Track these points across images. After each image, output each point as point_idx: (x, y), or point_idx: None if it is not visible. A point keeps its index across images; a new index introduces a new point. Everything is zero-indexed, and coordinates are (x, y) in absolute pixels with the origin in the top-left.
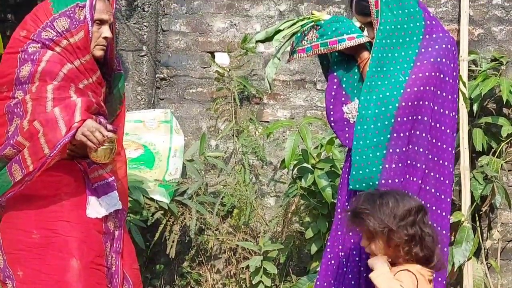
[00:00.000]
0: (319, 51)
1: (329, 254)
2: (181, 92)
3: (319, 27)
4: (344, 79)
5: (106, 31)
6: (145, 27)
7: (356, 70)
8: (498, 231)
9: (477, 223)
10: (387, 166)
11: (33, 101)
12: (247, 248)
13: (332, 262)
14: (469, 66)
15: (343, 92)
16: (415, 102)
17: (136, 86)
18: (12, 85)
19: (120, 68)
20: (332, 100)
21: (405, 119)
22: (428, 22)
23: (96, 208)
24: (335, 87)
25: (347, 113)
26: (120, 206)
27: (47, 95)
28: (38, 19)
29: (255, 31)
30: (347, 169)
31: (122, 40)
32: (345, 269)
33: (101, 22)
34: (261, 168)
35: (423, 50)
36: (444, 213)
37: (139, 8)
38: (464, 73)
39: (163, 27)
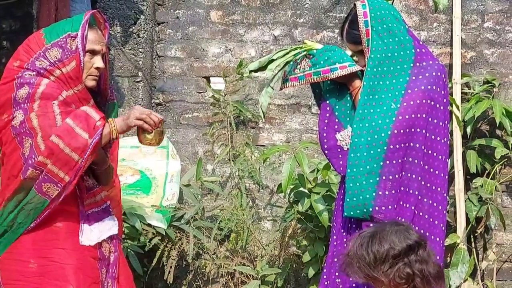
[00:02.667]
0: (312, 80)
1: (326, 281)
2: (177, 117)
3: (311, 56)
4: (337, 107)
5: (98, 62)
6: (141, 53)
7: (349, 98)
8: (493, 252)
9: (473, 244)
10: (380, 193)
11: (39, 118)
12: (245, 272)
13: None
14: (462, 89)
15: (336, 120)
16: (407, 130)
17: None
18: (10, 107)
19: (113, 98)
20: (325, 128)
21: (397, 146)
22: (418, 50)
23: (88, 235)
24: (328, 115)
25: (340, 140)
26: (116, 231)
27: (54, 109)
28: (30, 49)
29: (250, 56)
30: (341, 196)
31: (117, 66)
32: None
33: (93, 52)
34: (257, 192)
35: (413, 77)
36: (437, 239)
37: (134, 35)
38: (457, 96)
39: (158, 52)
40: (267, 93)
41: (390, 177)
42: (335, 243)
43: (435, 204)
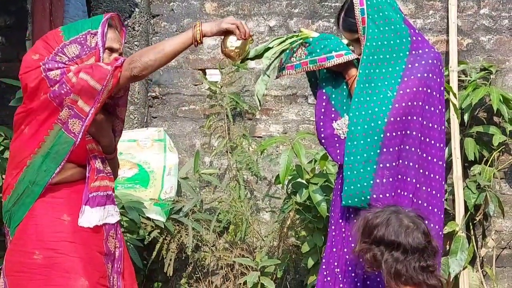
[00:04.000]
0: (308, 68)
1: (325, 271)
2: (174, 110)
3: (308, 44)
4: (333, 95)
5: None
6: (136, 46)
7: (345, 87)
8: (492, 239)
9: (472, 232)
10: (378, 181)
11: (89, 68)
12: (244, 264)
13: (328, 279)
14: (458, 76)
15: (333, 109)
16: (404, 117)
17: (128, 105)
18: (46, 86)
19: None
20: (322, 117)
21: (394, 134)
22: (414, 39)
23: (88, 217)
24: (324, 104)
25: (337, 129)
26: (117, 219)
27: (89, 62)
28: (49, 45)
29: None
30: (339, 186)
31: None
32: (341, 286)
33: (112, 50)
34: (255, 184)
35: (409, 65)
36: (436, 227)
37: (129, 28)
38: (454, 83)
39: None
40: (263, 81)
41: (387, 165)
42: (333, 233)
43: (433, 192)
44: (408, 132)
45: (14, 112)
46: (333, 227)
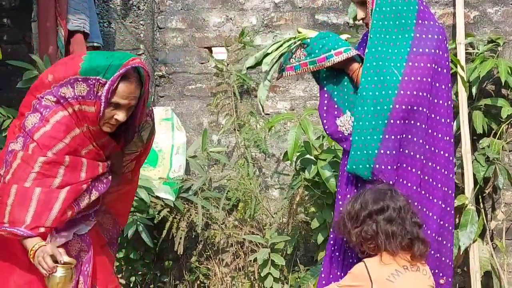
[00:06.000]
0: (308, 69)
1: (333, 246)
2: (181, 89)
3: (306, 45)
4: (335, 93)
5: (120, 115)
6: (141, 26)
7: (346, 83)
8: (502, 212)
9: (481, 205)
10: (382, 151)
11: (21, 162)
12: (254, 241)
13: (337, 254)
14: (466, 49)
15: (336, 106)
16: (414, 92)
17: None
18: (22, 127)
19: (149, 118)
20: (324, 115)
21: (403, 107)
22: (422, 8)
23: (53, 242)
24: (326, 101)
25: (340, 126)
26: (85, 231)
27: (34, 166)
28: (66, 70)
29: (251, 25)
30: (346, 162)
31: (119, 39)
32: (350, 261)
33: (118, 105)
34: (264, 161)
35: (418, 35)
36: (440, 202)
37: (134, 7)
38: (461, 56)
39: (159, 24)
40: (265, 87)
41: (392, 137)
42: (340, 208)
43: (438, 167)
44: (415, 107)
45: (21, 94)
46: (340, 203)
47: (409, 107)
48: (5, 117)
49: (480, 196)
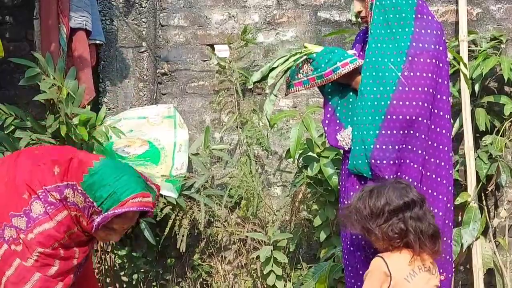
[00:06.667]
0: (316, 84)
1: (349, 240)
2: (183, 86)
3: (312, 60)
4: (339, 108)
5: (114, 237)
6: (144, 23)
7: (351, 100)
8: (504, 209)
9: (484, 202)
10: (378, 146)
11: (22, 246)
12: (257, 238)
13: (352, 249)
14: (468, 46)
15: (337, 121)
16: (413, 88)
17: (137, 82)
18: (27, 203)
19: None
20: (326, 128)
21: (401, 103)
22: (420, 2)
23: None
24: (329, 115)
25: (340, 140)
26: None
27: (32, 254)
28: (72, 171)
29: (254, 22)
30: (348, 160)
31: (121, 37)
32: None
33: (112, 229)
34: (266, 159)
35: (417, 30)
36: (444, 198)
37: (136, 4)
38: (464, 53)
39: (161, 22)
40: (271, 102)
41: (389, 132)
42: (346, 205)
43: (442, 163)
44: (415, 103)
45: (23, 91)
46: (343, 201)
47: (409, 102)
48: (7, 115)
49: (483, 194)
